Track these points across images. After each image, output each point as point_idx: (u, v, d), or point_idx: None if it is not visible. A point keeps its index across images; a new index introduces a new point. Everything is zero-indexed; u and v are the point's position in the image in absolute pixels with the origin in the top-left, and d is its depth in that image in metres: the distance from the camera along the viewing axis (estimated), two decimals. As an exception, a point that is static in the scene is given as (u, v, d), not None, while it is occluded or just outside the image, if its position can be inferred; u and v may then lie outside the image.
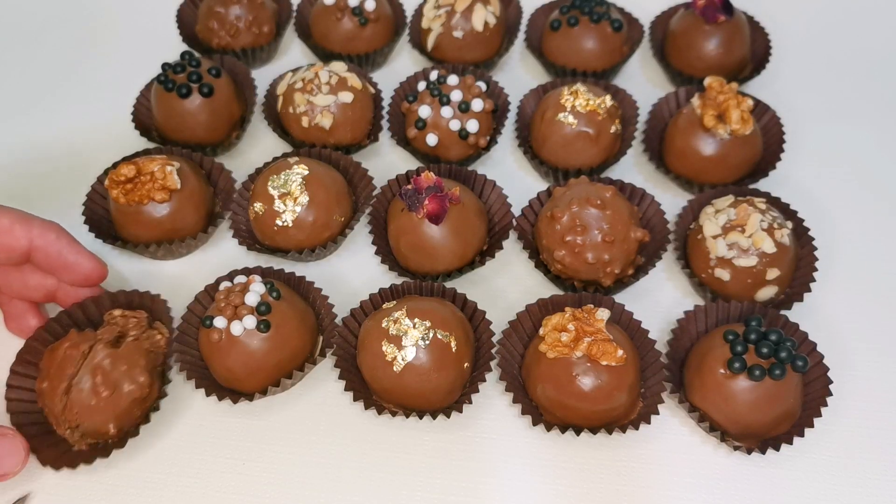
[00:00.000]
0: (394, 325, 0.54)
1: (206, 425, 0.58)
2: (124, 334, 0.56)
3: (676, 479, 0.55)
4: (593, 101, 0.69)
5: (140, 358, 0.55)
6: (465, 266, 0.64)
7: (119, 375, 0.54)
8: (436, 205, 0.60)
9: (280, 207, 0.63)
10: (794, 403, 0.54)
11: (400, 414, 0.56)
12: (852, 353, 0.61)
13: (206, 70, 0.73)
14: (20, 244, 0.54)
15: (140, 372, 0.55)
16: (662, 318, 0.64)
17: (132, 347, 0.55)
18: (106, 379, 0.53)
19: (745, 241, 0.60)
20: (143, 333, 0.57)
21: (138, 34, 0.92)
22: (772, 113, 0.73)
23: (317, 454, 0.56)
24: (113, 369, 0.54)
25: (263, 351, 0.55)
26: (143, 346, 0.56)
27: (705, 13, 0.77)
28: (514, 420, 0.58)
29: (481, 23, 0.79)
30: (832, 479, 0.55)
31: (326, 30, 0.82)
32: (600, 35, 0.78)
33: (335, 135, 0.72)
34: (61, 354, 0.54)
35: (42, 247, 0.54)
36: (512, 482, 0.55)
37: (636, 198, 0.67)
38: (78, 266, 0.56)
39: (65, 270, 0.56)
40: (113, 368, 0.54)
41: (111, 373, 0.53)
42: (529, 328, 0.60)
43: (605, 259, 0.60)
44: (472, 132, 0.70)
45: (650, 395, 0.56)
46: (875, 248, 0.69)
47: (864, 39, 0.88)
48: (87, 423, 0.53)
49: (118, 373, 0.54)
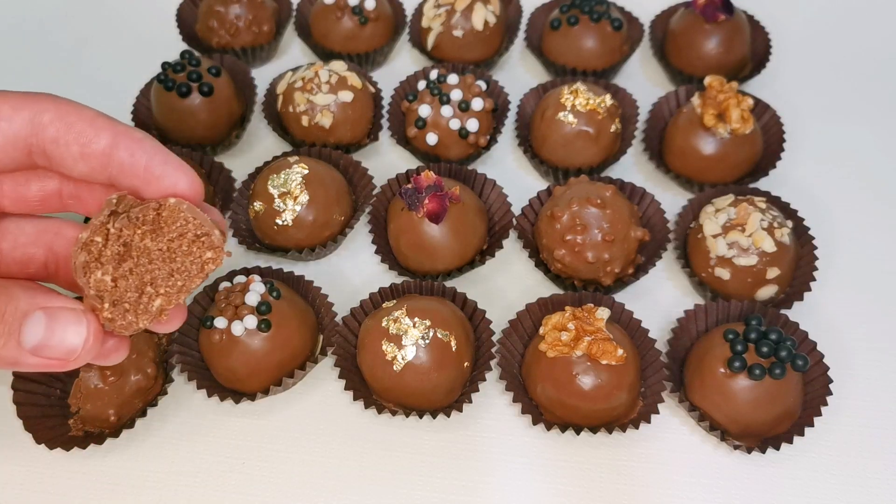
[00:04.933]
0: (394, 325, 0.54)
1: (206, 424, 0.58)
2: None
3: (676, 478, 0.55)
4: (593, 101, 0.69)
5: (149, 349, 0.56)
6: (465, 265, 0.64)
7: (128, 363, 0.54)
8: (436, 204, 0.60)
9: (280, 206, 0.63)
10: (794, 403, 0.54)
11: (400, 413, 0.56)
12: (852, 352, 0.61)
13: (206, 69, 0.73)
14: (102, 140, 0.37)
15: (148, 363, 0.56)
16: (662, 317, 0.64)
17: (144, 337, 0.56)
18: (115, 365, 0.54)
19: (745, 240, 0.60)
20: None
21: (138, 33, 0.92)
22: (772, 112, 0.73)
23: (316, 453, 0.56)
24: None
25: (265, 350, 0.55)
26: (153, 339, 0.57)
27: (705, 12, 0.77)
28: (514, 419, 0.58)
29: (481, 22, 0.79)
30: (832, 478, 0.55)
31: (326, 29, 0.82)
32: (600, 34, 0.78)
33: (335, 134, 0.72)
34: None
35: (127, 145, 0.37)
36: (512, 481, 0.55)
37: (636, 197, 0.67)
38: (165, 179, 0.37)
39: (147, 185, 0.38)
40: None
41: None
42: (529, 327, 0.60)
43: (605, 258, 0.60)
44: (472, 131, 0.70)
45: (650, 394, 0.56)
46: (875, 247, 0.69)
47: (864, 39, 0.88)
48: (88, 407, 0.54)
49: (127, 360, 0.54)
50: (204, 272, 0.36)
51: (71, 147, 0.36)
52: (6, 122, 0.35)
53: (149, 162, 0.37)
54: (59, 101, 0.36)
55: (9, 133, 0.35)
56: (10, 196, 0.39)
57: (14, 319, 0.33)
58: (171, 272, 0.35)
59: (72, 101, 0.36)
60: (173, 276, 0.35)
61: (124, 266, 0.35)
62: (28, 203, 0.39)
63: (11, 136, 0.35)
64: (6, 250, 0.39)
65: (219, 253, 0.36)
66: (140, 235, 0.35)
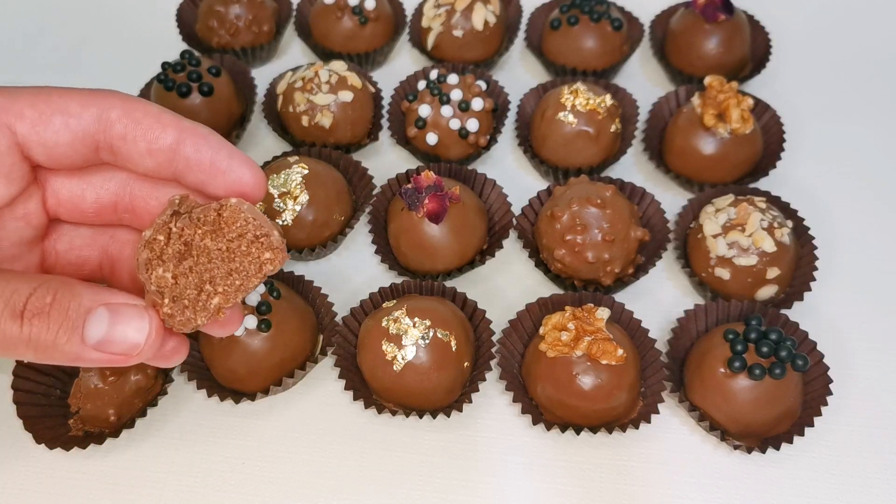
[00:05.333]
0: (394, 325, 0.54)
1: (206, 424, 0.58)
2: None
3: (676, 478, 0.55)
4: (593, 101, 0.69)
5: None
6: (465, 265, 0.64)
7: None
8: (436, 204, 0.60)
9: (280, 206, 0.63)
10: (794, 402, 0.54)
11: (400, 413, 0.56)
12: (852, 352, 0.61)
13: (206, 69, 0.73)
14: (168, 136, 0.37)
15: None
16: (662, 317, 0.64)
17: None
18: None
19: (745, 240, 0.60)
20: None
21: (138, 33, 0.92)
22: (772, 112, 0.73)
23: (316, 453, 0.56)
24: None
25: (265, 350, 0.55)
26: None
27: (705, 12, 0.77)
28: (514, 419, 0.58)
29: (481, 22, 0.79)
30: (832, 478, 0.55)
31: (326, 29, 0.82)
32: (600, 34, 0.78)
33: (335, 134, 0.72)
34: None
35: (193, 141, 0.38)
36: (512, 481, 0.55)
37: (636, 197, 0.67)
38: (231, 173, 0.38)
39: (213, 180, 0.39)
40: None
41: None
42: (529, 327, 0.60)
43: (605, 258, 0.60)
44: (472, 131, 0.70)
45: (650, 394, 0.56)
46: (875, 247, 0.69)
47: (864, 38, 0.88)
48: (89, 407, 0.54)
49: None
50: (262, 272, 0.36)
51: (138, 143, 0.36)
52: (75, 119, 0.36)
53: (214, 157, 0.37)
54: (125, 98, 0.37)
55: (77, 129, 0.36)
56: (66, 206, 0.39)
57: (78, 315, 0.33)
58: (229, 271, 0.36)
59: (138, 98, 0.37)
60: (231, 275, 0.36)
61: (184, 264, 0.36)
62: (83, 213, 0.40)
63: (80, 132, 0.36)
64: (62, 252, 0.41)
65: (278, 254, 0.36)
66: (201, 235, 0.36)
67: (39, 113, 0.35)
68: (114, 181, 0.39)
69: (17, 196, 0.37)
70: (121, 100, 0.36)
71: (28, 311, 0.32)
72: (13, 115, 0.35)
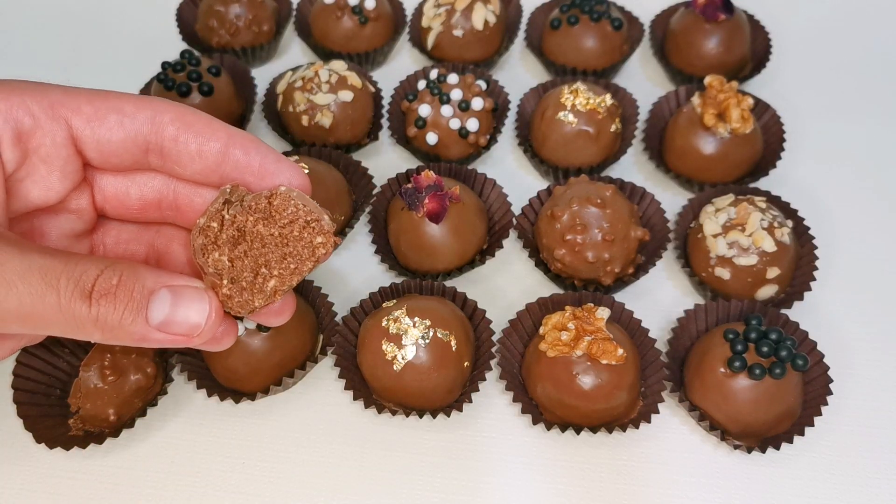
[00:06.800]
0: (394, 324, 0.54)
1: (206, 424, 0.58)
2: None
3: (676, 477, 0.55)
4: (593, 100, 0.69)
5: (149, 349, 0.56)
6: (465, 265, 0.64)
7: (128, 362, 0.55)
8: (436, 204, 0.60)
9: (280, 206, 0.63)
10: (794, 402, 0.54)
11: (400, 413, 0.56)
12: (852, 352, 0.61)
13: (206, 69, 0.73)
14: (218, 139, 0.39)
15: (148, 362, 0.56)
16: (662, 316, 0.64)
17: None
18: (114, 364, 0.55)
19: (745, 239, 0.60)
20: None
21: (138, 33, 0.92)
22: (772, 112, 0.73)
23: (316, 453, 0.56)
24: (122, 356, 0.55)
25: (265, 350, 0.55)
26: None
27: (706, 12, 0.77)
28: (514, 419, 0.58)
29: (481, 21, 0.79)
30: (832, 478, 0.55)
31: (326, 28, 0.82)
32: (600, 34, 0.78)
33: (335, 133, 0.72)
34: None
35: (242, 144, 0.39)
36: (512, 481, 0.55)
37: (636, 197, 0.67)
38: (280, 175, 0.39)
39: (262, 181, 0.40)
40: (123, 355, 0.55)
41: (120, 359, 0.55)
42: (529, 327, 0.60)
43: (605, 258, 0.60)
44: (472, 131, 0.70)
45: (650, 393, 0.56)
46: (875, 247, 0.69)
47: (864, 38, 0.88)
48: (88, 407, 0.54)
49: (127, 360, 0.55)
50: (315, 256, 0.37)
51: (189, 145, 0.38)
52: (129, 119, 0.37)
53: (263, 160, 0.39)
54: (176, 104, 0.38)
55: (130, 129, 0.37)
56: (111, 202, 0.41)
57: (142, 297, 0.34)
58: (283, 256, 0.37)
59: (188, 105, 0.39)
60: (286, 259, 0.37)
61: (239, 249, 0.36)
62: (128, 210, 0.41)
63: (133, 133, 0.37)
64: (110, 245, 0.42)
65: (329, 238, 0.37)
66: (253, 221, 0.36)
67: (95, 109, 0.37)
68: (157, 179, 0.41)
69: (71, 191, 0.39)
70: (172, 105, 0.38)
71: (96, 292, 0.33)
72: (70, 109, 0.36)
